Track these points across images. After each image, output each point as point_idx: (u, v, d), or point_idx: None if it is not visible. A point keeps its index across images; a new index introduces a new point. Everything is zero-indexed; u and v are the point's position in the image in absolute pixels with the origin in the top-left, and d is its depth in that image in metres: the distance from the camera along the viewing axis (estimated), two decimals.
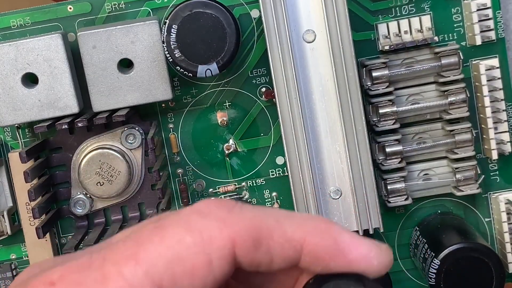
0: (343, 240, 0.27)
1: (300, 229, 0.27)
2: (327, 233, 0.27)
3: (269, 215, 0.26)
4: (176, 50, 0.44)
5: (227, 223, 0.25)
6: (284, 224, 0.26)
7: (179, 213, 0.26)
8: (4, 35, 0.47)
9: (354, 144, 0.44)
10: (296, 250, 0.26)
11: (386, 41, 0.47)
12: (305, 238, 0.26)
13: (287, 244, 0.26)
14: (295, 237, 0.26)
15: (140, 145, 0.47)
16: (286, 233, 0.26)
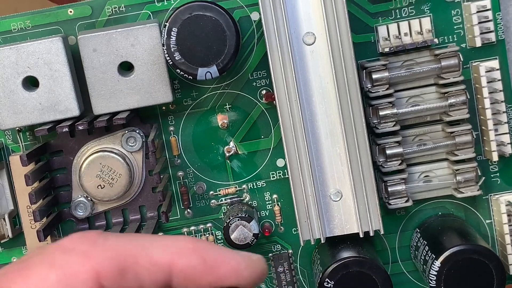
0: (210, 257, 0.27)
1: (166, 252, 0.27)
2: (194, 252, 0.27)
3: (133, 242, 0.27)
4: (176, 53, 0.44)
5: (90, 255, 0.26)
6: (149, 248, 0.27)
7: (44, 251, 0.26)
8: (5, 38, 0.47)
9: (354, 146, 0.44)
10: (165, 272, 0.27)
11: (386, 43, 0.47)
12: (173, 260, 0.27)
13: (154, 268, 0.27)
14: (161, 260, 0.27)
15: (141, 148, 0.47)
16: (152, 257, 0.27)
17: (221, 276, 0.28)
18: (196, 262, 0.27)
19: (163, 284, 0.27)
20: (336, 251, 0.46)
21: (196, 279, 0.27)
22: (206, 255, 0.28)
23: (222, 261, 0.28)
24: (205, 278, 0.28)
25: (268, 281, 0.50)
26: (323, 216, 0.45)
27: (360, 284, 0.44)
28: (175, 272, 0.27)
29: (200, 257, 0.27)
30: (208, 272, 0.28)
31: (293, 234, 0.50)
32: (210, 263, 0.27)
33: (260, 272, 0.29)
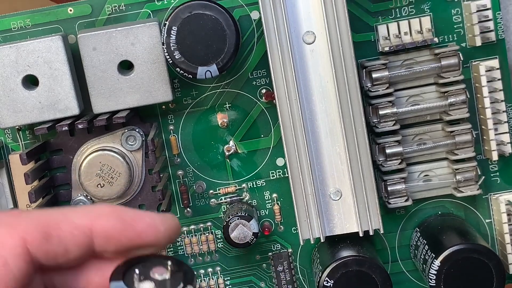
0: (128, 216, 0.30)
1: (86, 216, 0.30)
2: (112, 213, 0.30)
3: (55, 211, 0.30)
4: (176, 51, 0.44)
5: (15, 225, 0.28)
6: (70, 215, 0.30)
7: None
8: (5, 37, 0.47)
9: (354, 145, 0.44)
10: (86, 234, 0.29)
11: (386, 42, 0.47)
12: (92, 223, 0.30)
13: (76, 231, 0.29)
14: (82, 223, 0.29)
15: (141, 146, 0.47)
16: (73, 222, 0.29)
17: (140, 232, 0.30)
18: (114, 222, 0.30)
19: (86, 246, 0.30)
20: (335, 250, 0.46)
21: (115, 237, 0.30)
22: (123, 215, 0.30)
23: (139, 218, 0.30)
24: (125, 235, 0.30)
25: (268, 280, 0.50)
26: (322, 215, 0.45)
27: (360, 283, 0.44)
28: (95, 233, 0.30)
29: (118, 217, 0.30)
30: (127, 229, 0.30)
31: (292, 233, 0.50)
32: (128, 221, 0.30)
33: (175, 227, 0.32)
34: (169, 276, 0.31)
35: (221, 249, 0.50)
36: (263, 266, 0.50)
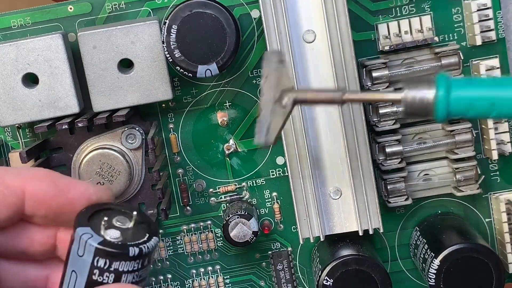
0: (61, 182, 0.30)
1: (19, 177, 0.30)
2: (46, 177, 0.30)
3: None
4: (176, 50, 0.44)
5: None
6: (3, 175, 0.30)
7: None
8: (5, 35, 0.47)
9: (354, 144, 0.44)
10: (17, 196, 0.30)
11: (386, 41, 0.47)
12: (24, 184, 0.30)
13: (7, 191, 0.29)
14: (14, 184, 0.29)
15: (141, 145, 0.47)
16: (5, 181, 0.29)
17: (71, 198, 0.31)
18: (47, 186, 0.30)
19: (16, 207, 0.30)
20: (335, 249, 0.46)
21: (46, 201, 0.30)
22: (57, 180, 0.30)
23: (72, 185, 0.31)
24: (56, 200, 0.30)
25: (267, 279, 0.50)
26: (322, 214, 0.45)
27: (359, 282, 0.44)
28: (27, 195, 0.30)
29: (51, 182, 0.30)
30: (59, 195, 0.30)
31: (292, 232, 0.50)
32: (60, 187, 0.30)
33: (107, 199, 0.32)
34: (132, 225, 0.32)
35: (220, 248, 0.50)
36: (262, 264, 0.50)
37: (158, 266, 0.50)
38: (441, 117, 0.32)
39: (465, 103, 0.32)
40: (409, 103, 0.33)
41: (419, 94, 0.32)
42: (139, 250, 0.31)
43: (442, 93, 0.32)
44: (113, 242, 0.30)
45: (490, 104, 0.32)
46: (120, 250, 0.30)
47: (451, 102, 0.32)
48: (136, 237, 0.31)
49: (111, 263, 0.30)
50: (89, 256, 0.30)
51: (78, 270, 0.30)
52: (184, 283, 0.50)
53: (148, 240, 0.31)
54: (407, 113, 0.33)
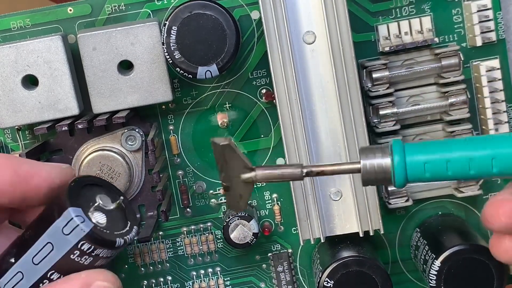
0: (23, 169, 0.30)
1: None
2: (7, 166, 0.30)
3: None
4: (176, 51, 0.44)
5: None
6: None
7: None
8: (4, 37, 0.47)
9: (355, 145, 0.44)
10: None
11: (387, 42, 0.47)
12: None
13: None
14: None
15: (140, 147, 0.47)
16: None
17: (34, 186, 0.30)
18: (8, 174, 0.30)
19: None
20: (336, 250, 0.46)
21: (9, 191, 0.30)
22: (18, 168, 0.30)
23: (34, 172, 0.30)
24: (19, 189, 0.30)
25: (268, 280, 0.50)
26: (323, 215, 0.45)
27: (360, 283, 0.44)
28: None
29: (12, 170, 0.30)
30: (21, 182, 0.30)
31: (292, 233, 0.50)
32: (22, 175, 0.30)
33: (70, 177, 0.32)
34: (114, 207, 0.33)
35: (221, 250, 0.50)
36: (263, 266, 0.50)
37: (158, 268, 0.50)
38: (399, 182, 0.34)
39: (421, 165, 0.33)
40: (367, 171, 0.34)
41: (376, 162, 0.34)
42: (123, 242, 0.32)
43: (398, 158, 0.33)
44: (103, 231, 0.31)
45: (445, 162, 0.33)
46: (109, 240, 0.31)
47: (407, 166, 0.33)
48: (119, 225, 0.32)
49: (95, 249, 0.31)
50: (75, 238, 0.30)
51: (57, 245, 0.31)
52: (184, 285, 0.50)
53: (131, 230, 0.33)
54: (366, 181, 0.34)
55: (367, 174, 0.34)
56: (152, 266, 0.50)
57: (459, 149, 0.33)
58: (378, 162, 0.34)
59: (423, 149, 0.34)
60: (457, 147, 0.34)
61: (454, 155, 0.33)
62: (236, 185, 0.36)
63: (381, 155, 0.34)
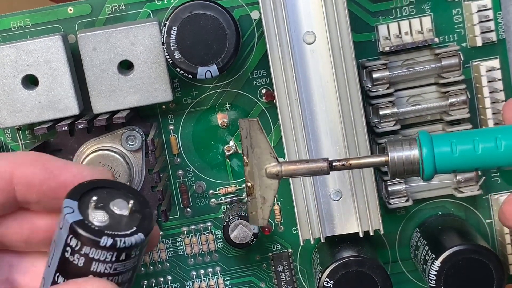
0: (52, 164, 0.29)
1: (8, 161, 0.29)
2: (36, 161, 0.29)
3: None
4: (176, 51, 0.44)
5: None
6: None
7: None
8: (4, 37, 0.47)
9: (355, 145, 0.44)
10: (6, 181, 0.28)
11: (387, 42, 0.47)
12: (13, 169, 0.29)
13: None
14: (2, 169, 0.28)
15: (141, 146, 0.47)
16: None
17: (63, 182, 0.29)
18: (36, 169, 0.29)
19: (6, 193, 0.29)
20: (336, 250, 0.46)
21: (36, 185, 0.29)
22: (48, 163, 0.29)
23: (64, 168, 0.29)
24: (47, 184, 0.29)
25: (268, 280, 0.50)
26: (323, 215, 0.45)
27: (360, 283, 0.44)
28: (16, 180, 0.29)
29: (41, 165, 0.29)
30: (49, 177, 0.29)
31: (292, 233, 0.50)
32: (51, 170, 0.29)
33: (105, 178, 0.30)
34: (128, 214, 0.30)
35: (221, 249, 0.50)
36: (263, 266, 0.50)
37: (158, 267, 0.50)
38: (428, 173, 0.33)
39: (449, 153, 0.33)
40: (395, 164, 0.33)
41: (404, 154, 0.33)
42: (112, 242, 0.28)
43: (426, 150, 0.33)
44: (88, 226, 0.28)
45: (472, 141, 0.33)
46: (91, 235, 0.28)
47: (436, 157, 0.33)
48: (121, 227, 0.29)
49: (81, 246, 0.28)
50: (65, 231, 0.29)
51: (57, 242, 0.29)
52: (184, 284, 0.50)
53: (131, 235, 0.29)
54: (394, 174, 0.34)
55: (395, 166, 0.34)
56: (152, 266, 0.50)
57: (486, 130, 0.33)
58: (406, 154, 0.33)
59: (450, 137, 0.33)
60: (483, 130, 0.34)
61: (481, 133, 0.33)
62: (260, 183, 0.35)
63: (409, 147, 0.33)
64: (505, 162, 0.33)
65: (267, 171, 0.35)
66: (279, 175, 0.35)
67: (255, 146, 0.35)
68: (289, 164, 0.35)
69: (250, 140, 0.35)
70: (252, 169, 0.35)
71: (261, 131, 0.35)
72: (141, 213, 0.31)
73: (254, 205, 0.36)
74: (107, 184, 0.30)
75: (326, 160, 0.34)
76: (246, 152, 0.35)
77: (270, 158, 0.35)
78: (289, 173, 0.35)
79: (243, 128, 0.35)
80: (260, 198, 0.35)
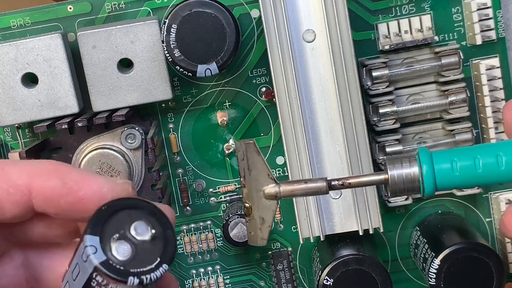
0: (71, 179, 0.28)
1: (25, 173, 0.28)
2: (54, 173, 0.28)
3: None
4: (175, 49, 0.44)
5: None
6: (9, 170, 0.28)
7: None
8: (4, 35, 0.47)
9: (354, 144, 0.44)
10: (23, 194, 0.28)
11: (386, 40, 0.47)
12: (31, 182, 0.28)
13: (12, 189, 0.27)
14: (20, 182, 0.27)
15: (140, 145, 0.47)
16: (11, 179, 0.27)
17: (82, 197, 0.28)
18: (54, 183, 0.28)
19: (24, 205, 0.28)
20: (335, 249, 0.46)
21: (55, 200, 0.28)
22: (66, 176, 0.28)
23: (83, 183, 0.28)
24: (65, 199, 0.28)
25: (268, 279, 0.50)
26: (322, 213, 0.45)
27: (360, 282, 0.44)
28: (34, 193, 0.28)
29: (59, 179, 0.28)
30: (68, 193, 0.28)
31: (292, 232, 0.50)
32: (70, 185, 0.28)
33: (125, 195, 0.29)
34: (149, 239, 0.29)
35: (220, 248, 0.50)
36: (262, 265, 0.50)
37: None
38: (428, 191, 0.33)
39: (449, 169, 0.33)
40: (395, 182, 0.33)
41: (404, 172, 0.33)
42: (139, 281, 0.28)
43: (427, 167, 0.33)
44: (114, 266, 0.28)
45: (472, 158, 0.32)
46: (117, 277, 0.28)
47: (436, 174, 0.33)
48: (145, 259, 0.29)
49: (108, 283, 0.28)
50: (90, 267, 0.28)
51: (82, 268, 0.29)
52: (184, 283, 0.50)
53: (156, 269, 0.29)
54: (394, 192, 0.33)
55: (395, 184, 0.33)
56: None
57: (487, 146, 0.33)
58: (406, 172, 0.33)
59: (450, 154, 0.33)
60: (484, 146, 0.33)
61: (482, 150, 0.33)
62: (258, 204, 0.35)
63: (409, 164, 0.33)
64: (507, 179, 0.33)
65: (265, 193, 0.34)
66: (277, 196, 0.34)
67: (252, 168, 0.35)
68: (287, 184, 0.35)
69: (247, 162, 0.35)
70: (249, 190, 0.35)
71: (258, 153, 0.35)
72: (163, 236, 0.30)
73: (253, 226, 0.35)
74: (127, 205, 0.29)
75: (325, 179, 0.34)
76: (243, 174, 0.35)
77: (267, 179, 0.35)
78: (287, 194, 0.35)
79: (239, 150, 0.35)
80: (259, 219, 0.35)
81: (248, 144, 0.34)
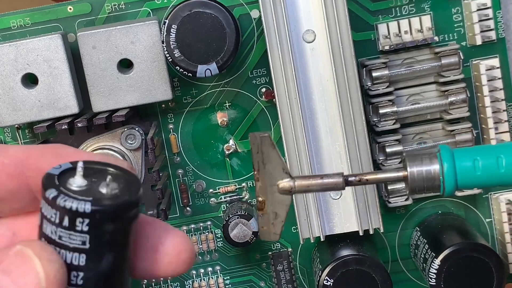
0: (65, 152, 0.29)
1: (22, 149, 0.29)
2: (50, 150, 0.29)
3: None
4: (175, 50, 0.44)
5: None
6: (7, 146, 0.29)
7: None
8: (4, 35, 0.47)
9: (354, 144, 0.44)
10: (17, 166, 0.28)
11: (386, 41, 0.47)
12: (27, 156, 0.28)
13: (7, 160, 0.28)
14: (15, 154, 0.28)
15: (140, 145, 0.47)
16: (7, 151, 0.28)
17: None
18: (48, 155, 0.29)
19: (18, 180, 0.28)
20: (335, 249, 0.46)
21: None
22: (60, 151, 0.29)
23: (75, 155, 0.29)
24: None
25: (268, 279, 0.50)
26: (322, 214, 0.45)
27: (360, 282, 0.44)
28: (28, 165, 0.28)
29: (54, 153, 0.29)
30: None
31: (292, 232, 0.50)
32: (62, 157, 0.29)
33: None
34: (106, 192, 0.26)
35: (220, 248, 0.50)
36: (262, 265, 0.50)
37: None
38: (449, 189, 0.32)
39: (471, 167, 0.32)
40: (415, 179, 0.32)
41: (424, 169, 0.32)
42: (55, 195, 0.25)
43: (448, 164, 0.32)
44: (52, 174, 0.26)
45: (495, 158, 0.31)
46: (44, 183, 0.26)
47: (457, 172, 0.32)
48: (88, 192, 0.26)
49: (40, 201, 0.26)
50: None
51: None
52: (184, 284, 0.50)
53: (78, 199, 0.25)
54: (413, 190, 0.33)
55: (415, 182, 0.32)
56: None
57: (509, 145, 0.32)
58: (427, 169, 0.32)
59: (472, 152, 0.32)
60: (508, 146, 0.32)
61: (506, 149, 0.32)
62: (272, 198, 0.34)
63: (429, 161, 0.32)
64: None
65: (279, 187, 0.34)
66: (292, 191, 0.34)
67: (266, 161, 0.34)
68: (302, 179, 0.34)
69: (262, 155, 0.34)
70: (263, 184, 0.34)
71: (273, 146, 0.34)
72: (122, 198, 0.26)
73: (265, 220, 0.35)
74: (112, 167, 0.27)
75: (342, 175, 0.33)
76: (257, 167, 0.34)
77: (282, 173, 0.34)
78: (303, 189, 0.34)
79: (254, 144, 0.34)
80: (272, 213, 0.34)
81: (263, 137, 0.34)
